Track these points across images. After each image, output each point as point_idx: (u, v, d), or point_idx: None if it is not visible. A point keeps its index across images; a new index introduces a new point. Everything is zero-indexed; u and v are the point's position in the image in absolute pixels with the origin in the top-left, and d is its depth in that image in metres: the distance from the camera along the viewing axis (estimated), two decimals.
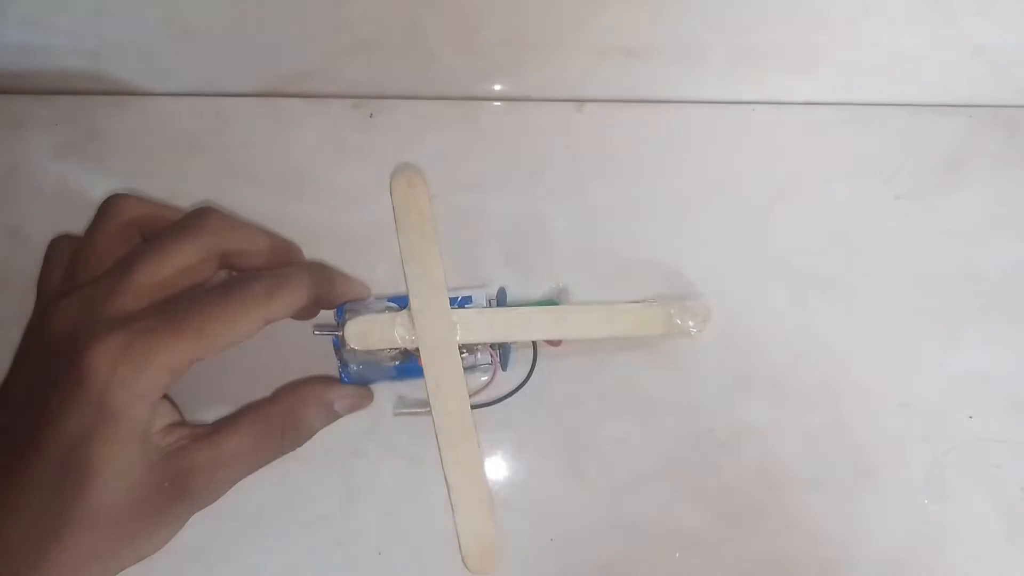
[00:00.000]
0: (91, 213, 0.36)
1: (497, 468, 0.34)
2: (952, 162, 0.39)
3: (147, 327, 0.26)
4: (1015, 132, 0.40)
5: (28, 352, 0.28)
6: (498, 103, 0.39)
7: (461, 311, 0.32)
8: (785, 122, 0.39)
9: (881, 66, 0.38)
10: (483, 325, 0.31)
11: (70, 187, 0.36)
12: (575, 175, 0.38)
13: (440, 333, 0.31)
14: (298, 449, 0.31)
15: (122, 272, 0.28)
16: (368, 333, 0.30)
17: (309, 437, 0.31)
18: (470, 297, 0.33)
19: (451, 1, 0.33)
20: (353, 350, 0.30)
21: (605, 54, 0.36)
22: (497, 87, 0.38)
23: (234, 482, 0.28)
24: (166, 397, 0.28)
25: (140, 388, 0.25)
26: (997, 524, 0.34)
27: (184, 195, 0.36)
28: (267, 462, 0.29)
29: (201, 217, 0.29)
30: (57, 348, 0.26)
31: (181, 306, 0.27)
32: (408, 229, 0.32)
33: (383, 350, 0.31)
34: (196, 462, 0.27)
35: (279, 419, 0.30)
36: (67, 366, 0.25)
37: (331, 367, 0.33)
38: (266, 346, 0.32)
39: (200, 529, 0.28)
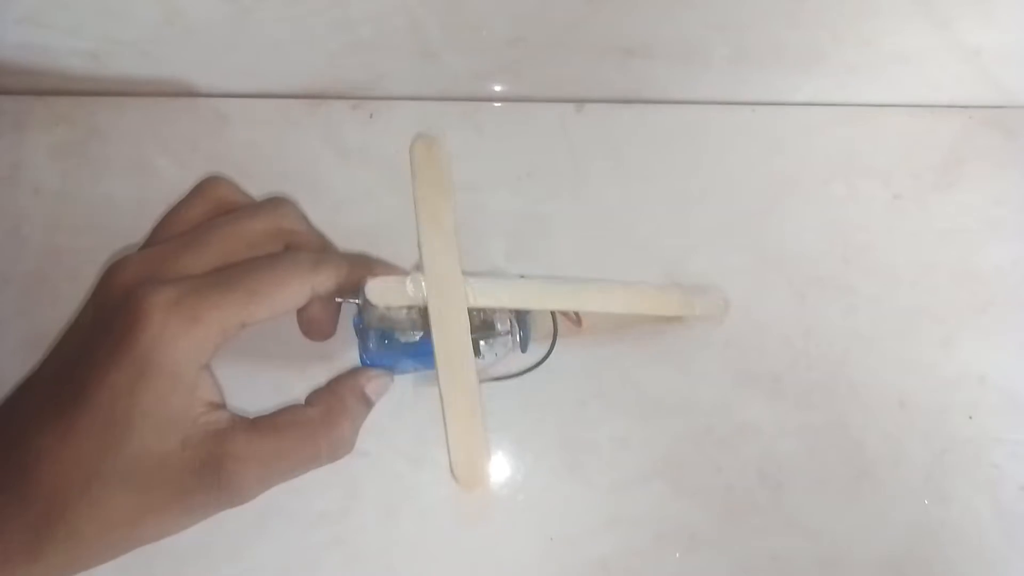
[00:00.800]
0: (91, 213, 0.36)
1: (497, 466, 0.34)
2: (950, 162, 0.39)
3: (200, 285, 0.26)
4: (1013, 133, 0.40)
5: (88, 303, 0.28)
6: (498, 103, 0.39)
7: (475, 277, 0.31)
8: (785, 122, 0.39)
9: (880, 67, 0.38)
10: (497, 291, 0.31)
11: (70, 187, 0.36)
12: (575, 175, 0.38)
13: (450, 283, 0.31)
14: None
15: (191, 237, 0.29)
16: (385, 291, 0.30)
17: (354, 438, 0.30)
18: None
19: (451, 1, 0.33)
20: (372, 313, 0.30)
21: (605, 54, 0.36)
22: (497, 87, 0.38)
23: (268, 484, 0.28)
24: (211, 375, 0.28)
25: (189, 344, 0.25)
26: (996, 524, 0.34)
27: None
28: (306, 469, 0.29)
29: (276, 202, 0.31)
30: (113, 301, 0.27)
31: (235, 270, 0.28)
32: (425, 184, 0.32)
33: (401, 317, 0.31)
34: (232, 451, 0.27)
35: (320, 425, 0.29)
36: (120, 317, 0.25)
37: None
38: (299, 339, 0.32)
39: (200, 528, 0.28)
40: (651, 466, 0.34)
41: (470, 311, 0.31)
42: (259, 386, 0.33)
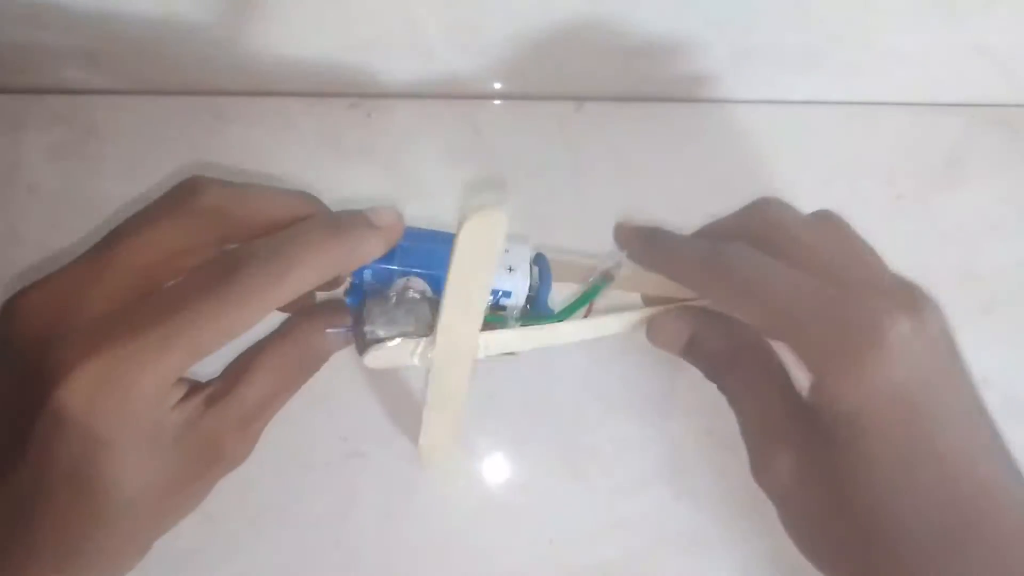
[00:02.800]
0: (88, 212, 0.36)
1: (497, 468, 0.34)
2: (952, 161, 0.39)
3: (126, 347, 0.21)
4: (1016, 131, 0.40)
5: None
6: (498, 102, 0.38)
7: (488, 334, 0.27)
8: (786, 121, 0.39)
9: (882, 65, 0.38)
10: (509, 340, 0.28)
11: (67, 186, 0.36)
12: (575, 174, 0.38)
13: (461, 353, 0.28)
14: (299, 450, 0.30)
15: (95, 254, 0.23)
16: (387, 360, 0.27)
17: (327, 358, 0.27)
18: (509, 293, 0.28)
19: (451, 1, 0.32)
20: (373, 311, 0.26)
21: (605, 53, 0.36)
22: (497, 86, 0.38)
23: (263, 429, 0.26)
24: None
25: (128, 414, 0.22)
26: None
27: None
28: (291, 397, 0.26)
29: (188, 186, 0.24)
30: (29, 356, 0.22)
31: (166, 304, 0.22)
32: (467, 259, 0.25)
33: (407, 300, 0.27)
34: (223, 425, 0.24)
35: (295, 354, 0.26)
36: (40, 399, 0.21)
37: None
38: None
39: (199, 530, 0.28)
40: (652, 469, 0.34)
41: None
42: None
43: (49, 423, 0.21)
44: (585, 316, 0.30)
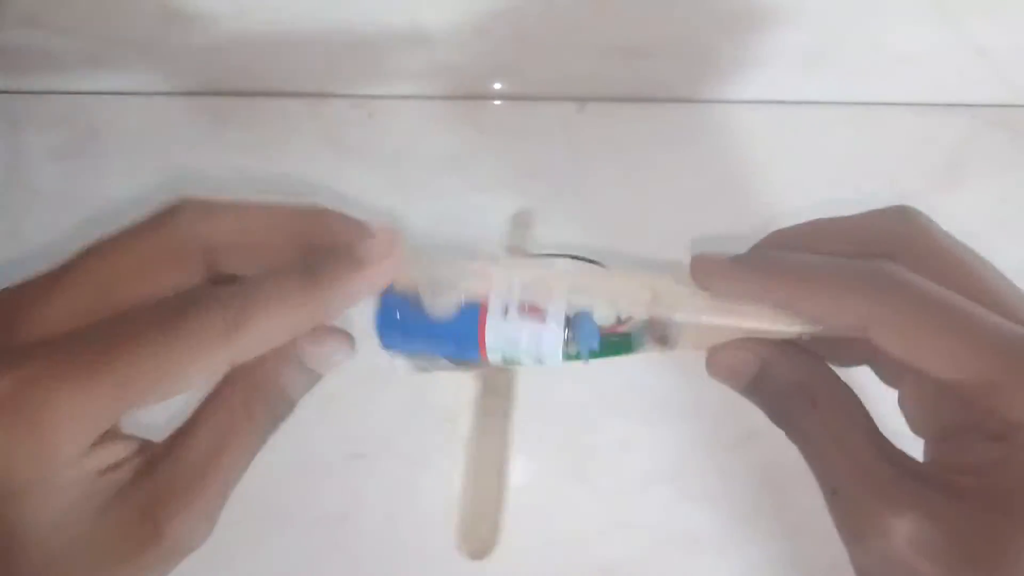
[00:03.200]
0: (90, 213, 0.36)
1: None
2: (954, 162, 0.39)
3: (48, 367, 0.18)
4: (1018, 132, 0.39)
5: None
6: (498, 102, 0.38)
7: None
8: (789, 121, 0.39)
9: (884, 66, 0.37)
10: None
11: (68, 187, 0.36)
12: (577, 175, 0.37)
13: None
14: (299, 452, 0.30)
15: (66, 268, 0.21)
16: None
17: (289, 409, 0.23)
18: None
19: (451, 1, 0.32)
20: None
21: (607, 53, 0.36)
22: (497, 86, 0.38)
23: (219, 502, 0.21)
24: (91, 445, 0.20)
25: (42, 458, 0.18)
26: None
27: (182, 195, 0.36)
28: (249, 457, 0.22)
29: (171, 209, 0.22)
30: None
31: (112, 336, 0.19)
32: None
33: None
34: (162, 492, 0.20)
35: (241, 398, 0.22)
36: None
37: None
38: None
39: None
40: (655, 470, 0.34)
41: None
42: None
43: None
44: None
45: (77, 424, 0.19)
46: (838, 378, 0.24)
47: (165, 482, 0.20)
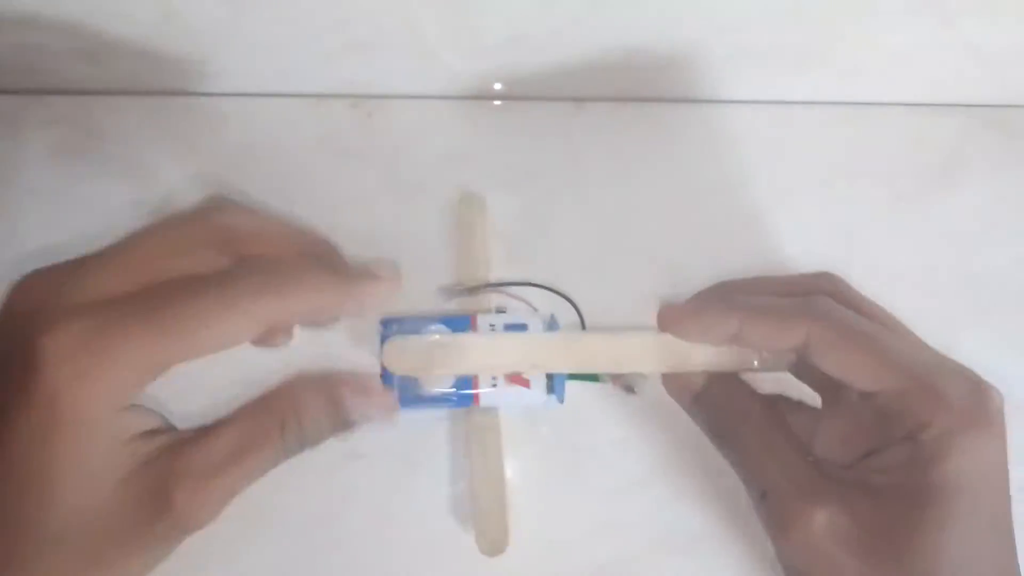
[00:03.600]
0: (89, 213, 0.36)
1: None
2: (950, 162, 0.39)
3: (116, 317, 0.21)
4: (1014, 132, 0.40)
5: None
6: (498, 102, 0.39)
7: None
8: (785, 121, 0.39)
9: (880, 66, 0.38)
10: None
11: (68, 187, 0.36)
12: (575, 175, 0.38)
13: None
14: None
15: (109, 249, 0.23)
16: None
17: (316, 440, 0.25)
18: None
19: (451, 1, 0.32)
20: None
21: (605, 53, 0.36)
22: (497, 87, 0.38)
23: (229, 494, 0.24)
24: (139, 406, 0.24)
25: (100, 389, 0.21)
26: None
27: (183, 195, 0.36)
28: (268, 467, 0.24)
29: (215, 201, 0.25)
30: (14, 330, 0.22)
31: (161, 296, 0.22)
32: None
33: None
34: (181, 470, 0.23)
35: (277, 412, 0.25)
36: (21, 355, 0.21)
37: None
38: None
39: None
40: (650, 470, 0.34)
41: None
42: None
43: (23, 379, 0.21)
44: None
45: (136, 368, 0.21)
46: (768, 399, 0.29)
47: (185, 463, 0.23)
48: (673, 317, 0.28)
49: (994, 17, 0.35)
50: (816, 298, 0.26)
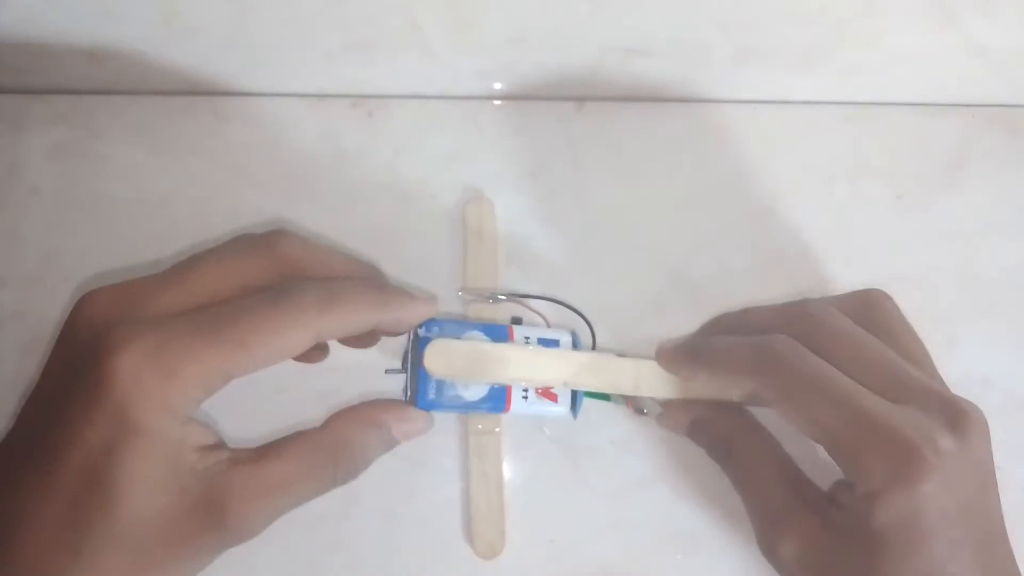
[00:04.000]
0: (90, 212, 0.36)
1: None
2: (953, 162, 0.39)
3: (180, 332, 0.23)
4: (1016, 132, 0.40)
5: (58, 341, 0.25)
6: (499, 102, 0.38)
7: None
8: (786, 121, 0.39)
9: (882, 65, 0.37)
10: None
11: (68, 187, 0.36)
12: (575, 174, 0.37)
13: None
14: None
15: (172, 271, 0.25)
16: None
17: (366, 467, 0.28)
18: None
19: (451, 1, 0.32)
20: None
21: (606, 52, 0.36)
22: (498, 86, 0.38)
23: (278, 514, 0.26)
24: (199, 421, 0.25)
25: (167, 400, 0.23)
26: None
27: (183, 195, 0.36)
28: (316, 494, 0.27)
29: (275, 231, 0.28)
30: (82, 343, 0.24)
31: (223, 312, 0.24)
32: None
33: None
34: (236, 488, 0.24)
35: (332, 446, 0.27)
36: (89, 368, 0.23)
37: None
38: (324, 372, 0.32)
39: None
40: (653, 469, 0.34)
41: None
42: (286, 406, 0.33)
43: (92, 389, 0.22)
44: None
45: (198, 382, 0.23)
46: (755, 428, 0.30)
47: (243, 482, 0.24)
48: (665, 358, 0.31)
49: (997, 16, 0.34)
50: (771, 343, 0.27)
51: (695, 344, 0.30)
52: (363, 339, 0.30)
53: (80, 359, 0.23)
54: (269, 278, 0.26)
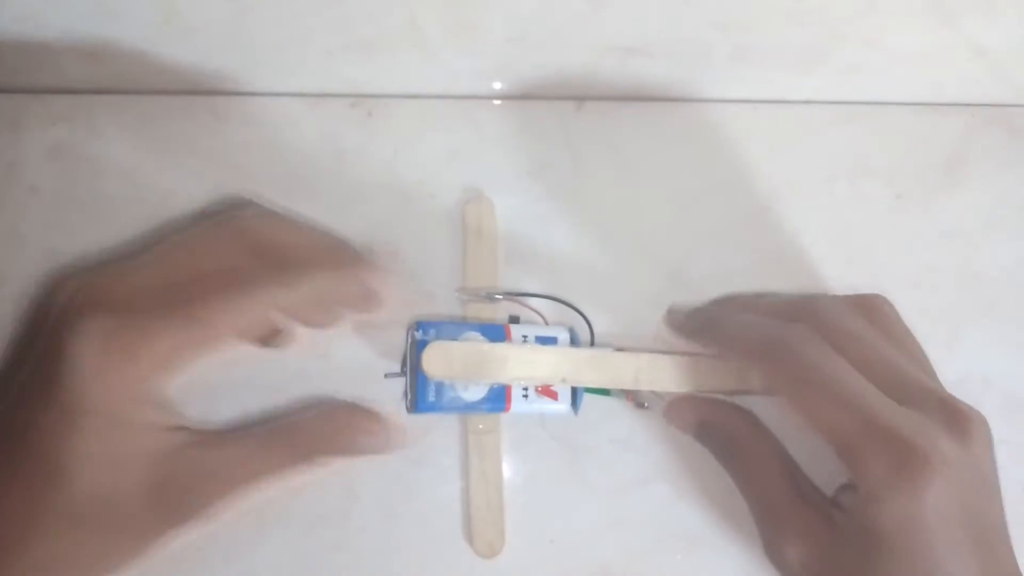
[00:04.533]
0: (89, 212, 0.36)
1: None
2: (953, 161, 0.39)
3: (139, 315, 0.23)
4: (1016, 131, 0.40)
5: (24, 322, 0.26)
6: (498, 102, 0.38)
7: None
8: (786, 121, 0.39)
9: (882, 65, 0.37)
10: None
11: (68, 186, 0.36)
12: (575, 174, 0.37)
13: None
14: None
15: (141, 256, 0.26)
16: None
17: (327, 461, 0.28)
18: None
19: (451, 1, 0.32)
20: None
21: (605, 52, 0.36)
22: (497, 86, 0.38)
23: (237, 498, 0.26)
24: (161, 402, 0.25)
25: (123, 383, 0.23)
26: None
27: (183, 195, 0.36)
28: (275, 479, 0.26)
29: (239, 208, 0.28)
30: (47, 325, 0.24)
31: (180, 292, 0.24)
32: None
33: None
34: (192, 467, 0.24)
35: (295, 432, 0.27)
36: (48, 351, 0.23)
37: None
38: (323, 374, 0.32)
39: (200, 530, 0.28)
40: (652, 468, 0.34)
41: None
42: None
43: (50, 370, 0.23)
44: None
45: (154, 361, 0.23)
46: (759, 429, 0.30)
47: (201, 463, 0.25)
48: (673, 323, 0.30)
49: (997, 16, 0.34)
50: (787, 331, 0.27)
51: (710, 314, 0.30)
52: (325, 317, 0.29)
53: (43, 340, 0.24)
54: (237, 256, 0.26)
